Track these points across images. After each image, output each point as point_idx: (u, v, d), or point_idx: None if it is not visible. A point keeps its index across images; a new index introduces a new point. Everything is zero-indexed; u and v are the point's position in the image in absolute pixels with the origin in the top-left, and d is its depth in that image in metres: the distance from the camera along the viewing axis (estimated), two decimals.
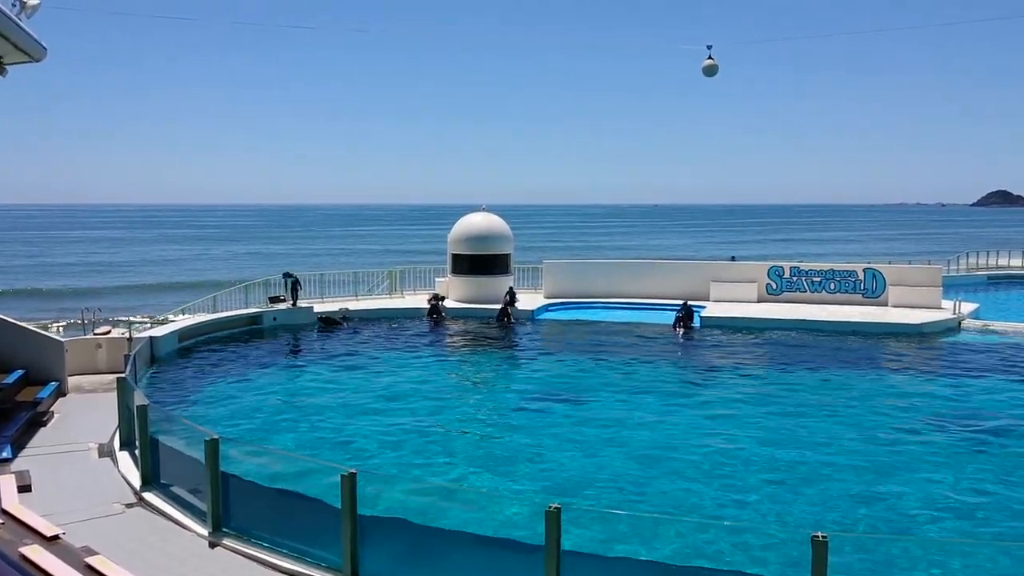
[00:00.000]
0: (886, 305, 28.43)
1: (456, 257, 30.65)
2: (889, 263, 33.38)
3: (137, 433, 11.77)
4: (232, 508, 9.66)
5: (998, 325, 25.70)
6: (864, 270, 29.56)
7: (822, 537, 6.48)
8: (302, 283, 27.89)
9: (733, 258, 38.16)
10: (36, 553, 8.46)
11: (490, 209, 31.84)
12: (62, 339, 17.78)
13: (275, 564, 8.96)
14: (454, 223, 31.52)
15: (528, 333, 26.01)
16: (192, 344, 22.57)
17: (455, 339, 25.34)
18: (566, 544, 7.41)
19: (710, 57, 25.79)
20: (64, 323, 22.47)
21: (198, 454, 9.90)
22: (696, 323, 26.45)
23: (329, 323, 26.30)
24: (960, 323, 26.10)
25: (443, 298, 28.98)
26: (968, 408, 16.57)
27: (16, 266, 74.82)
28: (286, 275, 27.35)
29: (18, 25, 13.46)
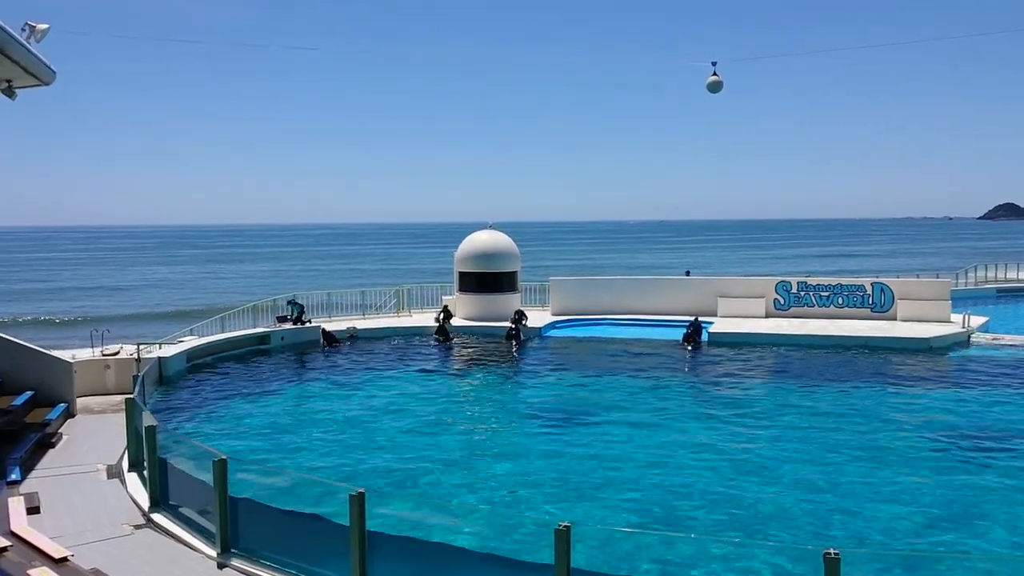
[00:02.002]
0: (895, 319, 28.31)
1: (463, 275, 30.68)
2: (897, 277, 33.27)
3: (146, 454, 11.77)
4: (241, 529, 9.64)
5: (1008, 338, 25.54)
6: (872, 284, 29.46)
7: (834, 554, 6.42)
8: (307, 306, 27.91)
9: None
10: None
11: (496, 227, 31.91)
12: (71, 360, 17.81)
13: None
14: (461, 241, 31.59)
15: (536, 350, 25.95)
16: (201, 364, 22.59)
17: (463, 357, 25.30)
18: (576, 562, 7.36)
19: (715, 73, 25.88)
20: (74, 350, 22.45)
21: (206, 475, 9.89)
22: (704, 339, 26.38)
23: (329, 338, 26.30)
24: (969, 337, 25.96)
25: (451, 315, 28.81)
26: (979, 422, 16.45)
27: (24, 291, 74.77)
28: (291, 303, 27.37)
29: (27, 49, 13.59)
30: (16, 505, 10.83)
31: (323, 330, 26.72)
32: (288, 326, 26.65)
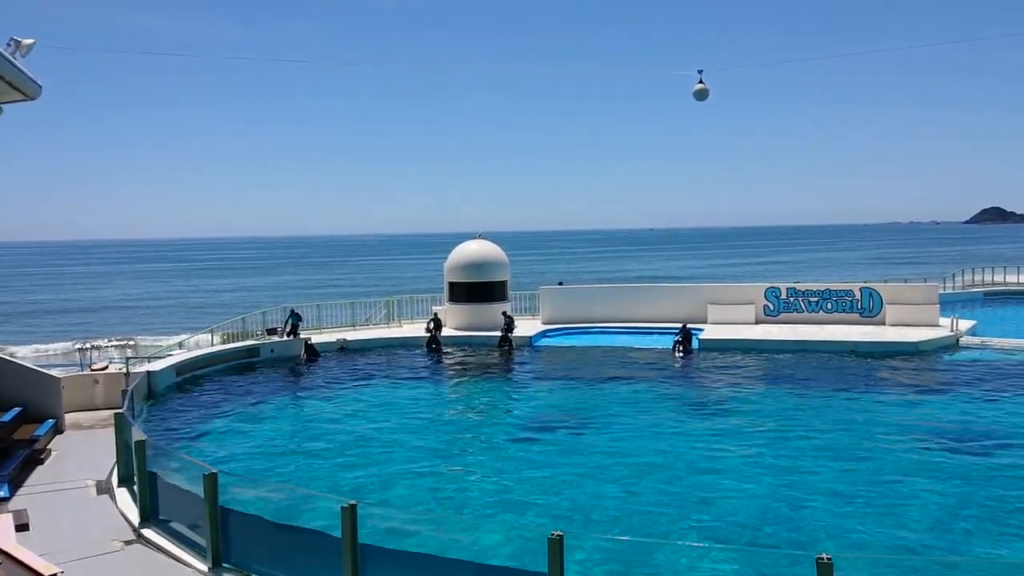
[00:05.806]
0: (884, 324, 28.44)
1: (453, 285, 30.67)
2: (885, 282, 33.43)
3: (135, 469, 11.70)
4: (232, 542, 9.58)
5: (996, 341, 25.68)
6: (861, 289, 29.59)
7: (827, 559, 6.43)
8: (301, 316, 27.87)
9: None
10: None
11: (485, 236, 31.92)
12: (59, 375, 17.70)
13: None
14: (450, 251, 31.58)
15: (527, 360, 25.95)
16: (190, 378, 22.47)
17: (454, 368, 25.27)
18: (570, 571, 7.34)
19: (701, 82, 26.02)
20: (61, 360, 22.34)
21: (197, 489, 9.83)
22: (695, 346, 26.44)
23: (310, 352, 26.24)
24: (958, 340, 26.09)
25: (441, 325, 28.61)
26: (968, 425, 16.53)
27: (7, 312, 73.67)
28: (292, 313, 27.24)
29: (13, 64, 13.56)
30: (4, 522, 10.72)
31: (306, 343, 26.59)
32: (277, 338, 26.55)
